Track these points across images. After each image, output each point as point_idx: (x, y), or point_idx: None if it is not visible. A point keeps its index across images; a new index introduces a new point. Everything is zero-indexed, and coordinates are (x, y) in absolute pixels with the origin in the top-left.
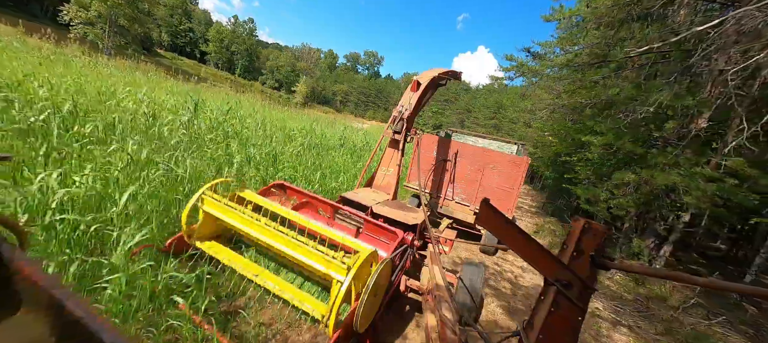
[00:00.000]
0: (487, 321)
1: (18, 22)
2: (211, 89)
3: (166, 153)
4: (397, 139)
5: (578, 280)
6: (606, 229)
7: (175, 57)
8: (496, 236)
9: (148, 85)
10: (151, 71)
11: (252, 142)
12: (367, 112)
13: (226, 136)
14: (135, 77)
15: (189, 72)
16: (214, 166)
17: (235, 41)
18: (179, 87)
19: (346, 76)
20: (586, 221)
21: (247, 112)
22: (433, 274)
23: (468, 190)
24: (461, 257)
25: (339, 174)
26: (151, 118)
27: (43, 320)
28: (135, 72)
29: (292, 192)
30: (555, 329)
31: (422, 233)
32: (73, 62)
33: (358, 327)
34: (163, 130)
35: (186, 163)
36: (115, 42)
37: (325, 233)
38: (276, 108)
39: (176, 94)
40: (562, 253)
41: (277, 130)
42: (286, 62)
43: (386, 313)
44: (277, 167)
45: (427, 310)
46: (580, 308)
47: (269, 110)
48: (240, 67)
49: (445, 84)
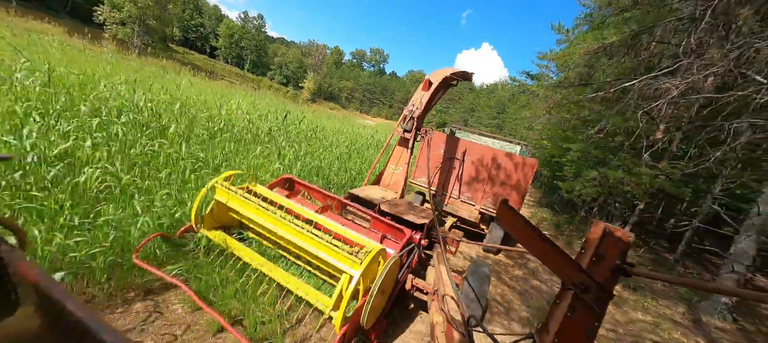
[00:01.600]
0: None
1: (44, 17)
2: (240, 88)
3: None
4: (407, 138)
5: (596, 285)
6: (630, 235)
7: (186, 52)
8: (514, 237)
9: (213, 88)
10: (183, 70)
11: (327, 145)
12: (372, 109)
13: (290, 138)
14: (201, 82)
15: (201, 67)
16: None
17: (244, 37)
18: (227, 89)
19: (351, 73)
20: (606, 225)
21: (295, 116)
22: (440, 273)
23: (474, 189)
24: (466, 255)
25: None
26: (255, 122)
27: (42, 319)
28: (183, 74)
29: (300, 187)
30: (570, 334)
31: (429, 231)
32: (145, 68)
33: (365, 323)
34: (278, 133)
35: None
36: (143, 40)
37: (334, 228)
38: (310, 109)
39: (221, 95)
40: (580, 257)
41: (322, 132)
42: (294, 59)
43: (392, 311)
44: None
45: (432, 309)
46: (597, 314)
47: (310, 114)
48: (249, 63)
49: (456, 84)
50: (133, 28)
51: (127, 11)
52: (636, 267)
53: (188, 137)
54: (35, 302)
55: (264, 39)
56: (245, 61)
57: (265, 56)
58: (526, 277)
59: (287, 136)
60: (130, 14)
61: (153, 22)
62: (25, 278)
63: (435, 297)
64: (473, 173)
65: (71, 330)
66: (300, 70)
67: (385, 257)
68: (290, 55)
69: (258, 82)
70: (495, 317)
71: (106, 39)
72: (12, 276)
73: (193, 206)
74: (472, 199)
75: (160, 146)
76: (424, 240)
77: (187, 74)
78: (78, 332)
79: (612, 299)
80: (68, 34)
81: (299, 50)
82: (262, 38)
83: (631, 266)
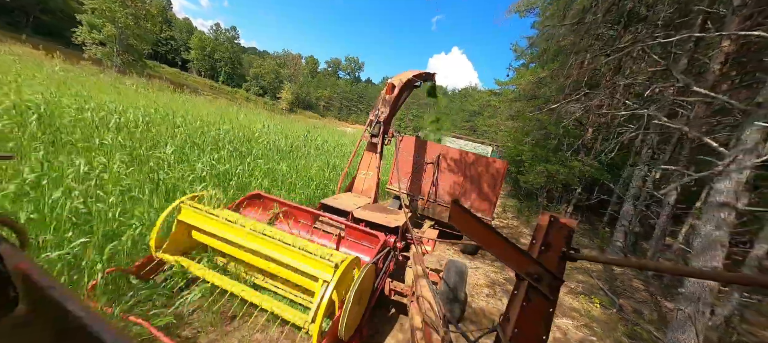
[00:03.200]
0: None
1: (20, 38)
2: (229, 103)
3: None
4: (374, 143)
5: (547, 273)
6: (573, 222)
7: (156, 65)
8: (467, 235)
9: (215, 106)
10: (166, 88)
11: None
12: (349, 117)
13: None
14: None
15: (172, 80)
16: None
17: (217, 49)
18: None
19: (327, 82)
20: (551, 215)
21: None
22: (417, 274)
23: (450, 192)
24: (446, 257)
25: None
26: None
27: (42, 320)
28: (178, 93)
29: (269, 202)
30: (529, 322)
31: (404, 234)
32: (129, 88)
33: (343, 336)
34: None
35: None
36: (123, 59)
37: (305, 244)
38: (291, 119)
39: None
40: (531, 247)
41: (327, 144)
42: (270, 70)
43: (373, 317)
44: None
45: (412, 311)
46: (550, 300)
47: (322, 130)
48: (223, 75)
49: (419, 85)
50: (114, 48)
51: (106, 33)
52: (581, 252)
53: (266, 154)
54: (35, 302)
55: (238, 50)
56: (219, 73)
57: (240, 68)
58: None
59: (316, 148)
60: (110, 34)
61: (133, 40)
62: (25, 276)
63: (414, 299)
64: (448, 176)
65: (71, 330)
66: (276, 81)
67: (360, 266)
68: (266, 67)
69: (233, 94)
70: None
71: (86, 60)
72: (12, 275)
73: (154, 230)
74: (448, 202)
75: (269, 162)
76: (399, 243)
77: (185, 94)
78: (78, 333)
79: (562, 283)
80: (48, 55)
81: (274, 61)
82: (236, 50)
83: (577, 251)
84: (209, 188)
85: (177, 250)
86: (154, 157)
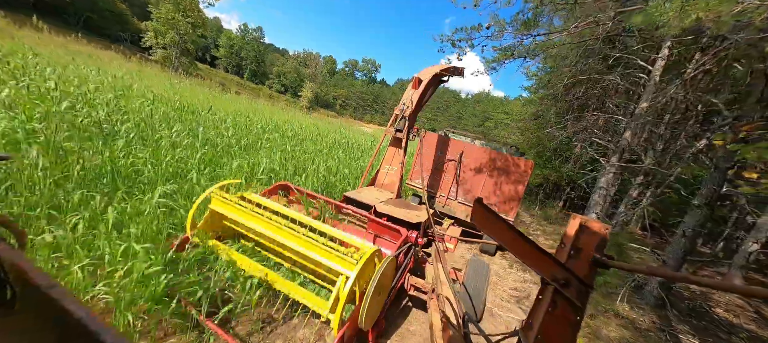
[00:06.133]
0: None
1: (73, 35)
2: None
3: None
4: (399, 138)
5: (576, 279)
6: (605, 227)
7: (191, 62)
8: (491, 237)
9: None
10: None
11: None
12: (365, 116)
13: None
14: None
15: (204, 76)
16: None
17: (244, 47)
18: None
19: (344, 82)
20: (582, 218)
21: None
22: (438, 272)
23: (471, 190)
24: (464, 257)
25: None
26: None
27: (41, 320)
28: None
29: (296, 192)
30: (553, 329)
31: (426, 231)
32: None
33: (363, 325)
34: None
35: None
36: (181, 62)
37: (330, 231)
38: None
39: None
40: (558, 251)
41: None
42: (292, 69)
43: (391, 310)
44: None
45: (431, 308)
46: (578, 308)
47: (348, 129)
48: (248, 72)
49: (447, 80)
50: (174, 52)
51: (170, 38)
52: (615, 259)
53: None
54: (34, 302)
55: (264, 49)
56: (245, 70)
57: (264, 66)
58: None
59: (358, 146)
60: (173, 40)
61: (190, 45)
62: (24, 276)
63: (434, 296)
64: (470, 175)
65: (71, 331)
66: (297, 80)
67: (381, 258)
68: (288, 65)
69: (257, 91)
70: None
71: (154, 61)
72: (10, 276)
73: (188, 215)
74: (469, 200)
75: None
76: (421, 239)
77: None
78: (77, 333)
79: (592, 291)
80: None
81: (296, 60)
82: (261, 49)
83: (611, 258)
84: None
85: (211, 235)
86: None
